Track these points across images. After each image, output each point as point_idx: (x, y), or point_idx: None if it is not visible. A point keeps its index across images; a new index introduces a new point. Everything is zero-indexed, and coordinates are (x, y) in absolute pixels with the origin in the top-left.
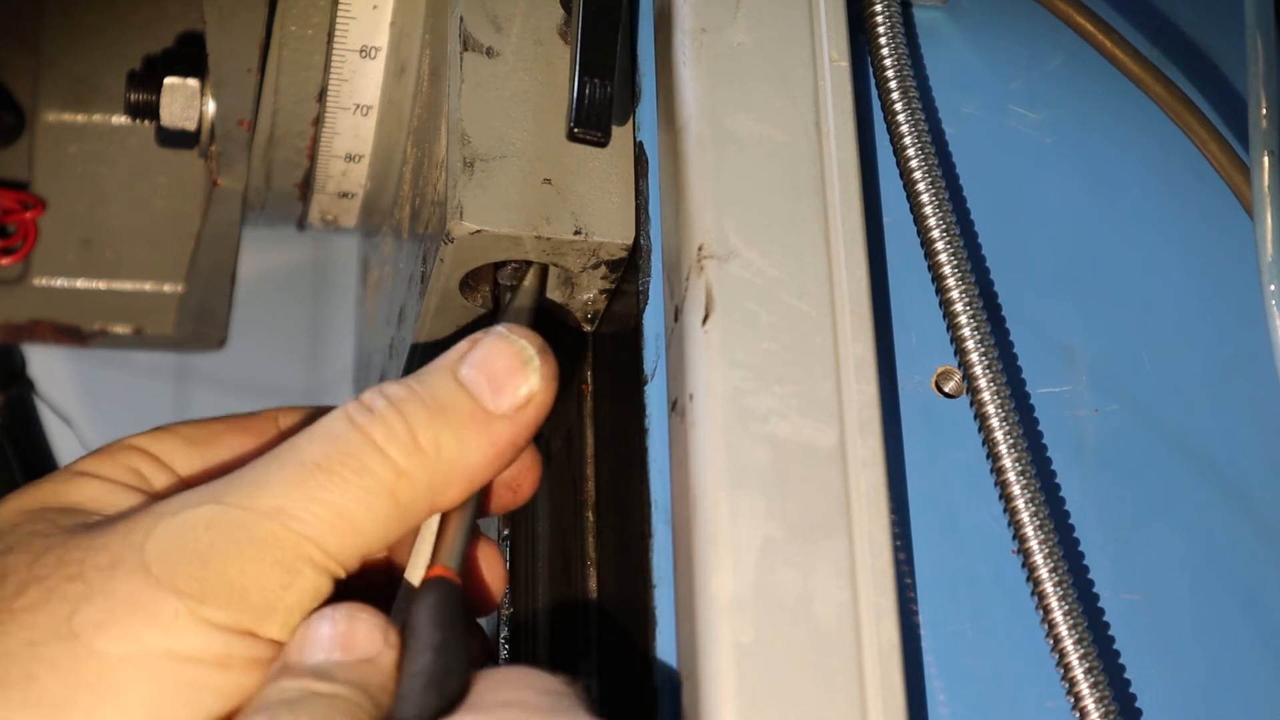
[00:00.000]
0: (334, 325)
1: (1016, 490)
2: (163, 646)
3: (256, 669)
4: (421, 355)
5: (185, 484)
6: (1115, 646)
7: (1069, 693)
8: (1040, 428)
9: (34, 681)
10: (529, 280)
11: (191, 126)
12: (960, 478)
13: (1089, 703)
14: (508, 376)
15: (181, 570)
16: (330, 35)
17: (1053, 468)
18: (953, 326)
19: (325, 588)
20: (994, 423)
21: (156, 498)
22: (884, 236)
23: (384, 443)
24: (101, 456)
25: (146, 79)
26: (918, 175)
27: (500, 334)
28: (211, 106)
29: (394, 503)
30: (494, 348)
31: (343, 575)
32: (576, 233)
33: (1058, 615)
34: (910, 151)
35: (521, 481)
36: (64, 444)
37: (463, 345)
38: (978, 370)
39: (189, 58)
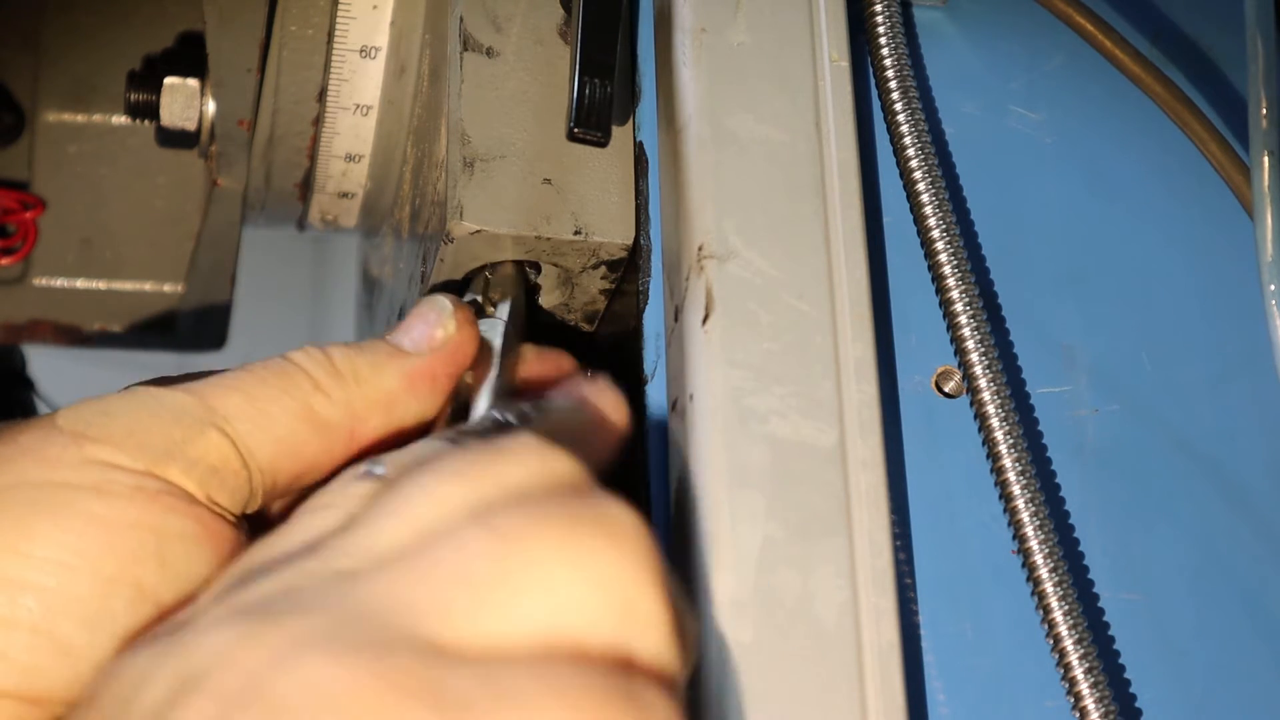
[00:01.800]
0: (334, 325)
1: (1016, 490)
2: (37, 476)
3: (143, 498)
4: None
5: None
6: (1115, 646)
7: (1069, 693)
8: (1040, 428)
9: None
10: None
11: (191, 126)
12: (960, 478)
13: (1089, 703)
14: (422, 326)
15: (84, 419)
16: (330, 35)
17: (1053, 468)
18: (953, 326)
19: (234, 461)
20: (994, 423)
21: None
22: (884, 236)
23: (304, 362)
24: None
25: (146, 79)
26: (918, 175)
27: (422, 300)
28: (211, 106)
29: (309, 410)
30: (413, 311)
31: (256, 470)
32: (576, 233)
33: (1058, 615)
34: (910, 151)
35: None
36: None
37: None
38: (978, 370)
39: (189, 58)
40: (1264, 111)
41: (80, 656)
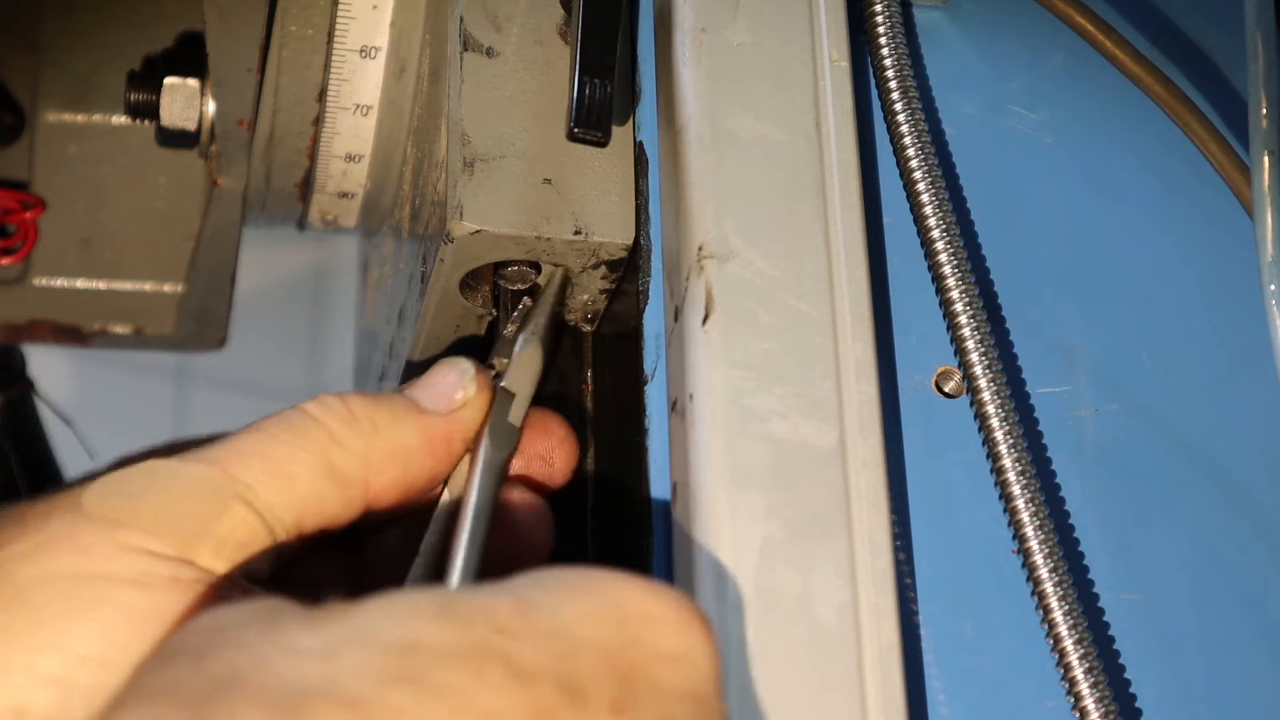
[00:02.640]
0: (334, 325)
1: (1016, 490)
2: (74, 568)
3: (179, 589)
4: (421, 353)
5: None
6: (1115, 646)
7: (1069, 693)
8: (1040, 428)
9: None
10: (552, 286)
11: (191, 126)
12: (960, 478)
13: (1089, 703)
14: (443, 386)
15: (110, 504)
16: (330, 35)
17: (1053, 468)
18: (953, 326)
19: (261, 530)
20: (994, 423)
21: None
22: (884, 236)
23: (319, 414)
24: None
25: (146, 79)
26: (918, 175)
27: (443, 361)
28: (211, 106)
29: (326, 462)
30: (434, 371)
31: (283, 533)
32: (576, 233)
33: (1058, 615)
34: (910, 151)
35: (554, 454)
36: (64, 444)
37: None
38: (978, 370)
39: (189, 58)
40: (1264, 111)
41: None
